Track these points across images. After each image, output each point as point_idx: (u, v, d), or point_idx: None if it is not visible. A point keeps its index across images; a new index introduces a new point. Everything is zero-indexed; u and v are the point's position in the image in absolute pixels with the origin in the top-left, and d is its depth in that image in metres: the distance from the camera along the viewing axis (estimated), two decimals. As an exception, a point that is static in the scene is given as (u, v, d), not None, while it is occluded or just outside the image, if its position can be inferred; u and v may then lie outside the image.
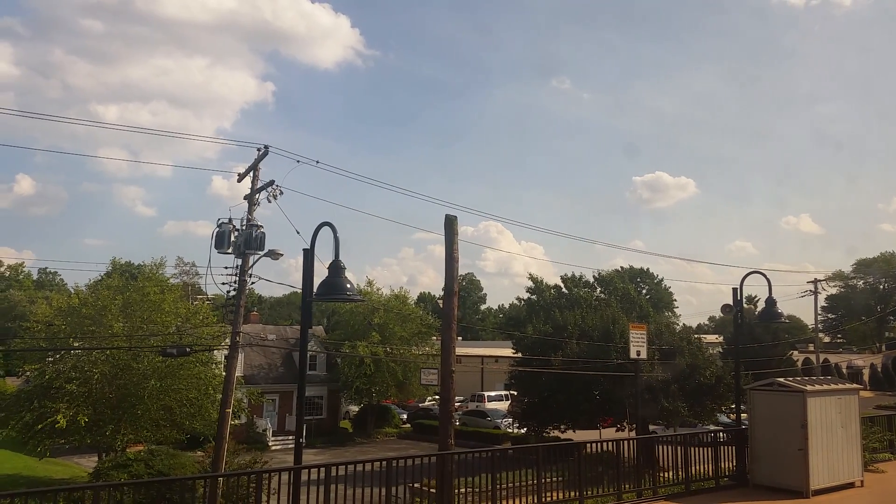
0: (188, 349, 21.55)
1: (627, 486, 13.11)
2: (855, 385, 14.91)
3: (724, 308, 15.94)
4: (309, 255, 10.51)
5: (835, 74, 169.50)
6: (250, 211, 21.90)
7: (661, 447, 14.38)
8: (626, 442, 14.65)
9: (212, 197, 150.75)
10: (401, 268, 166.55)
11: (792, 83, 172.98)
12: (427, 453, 13.33)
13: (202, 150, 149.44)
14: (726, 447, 14.89)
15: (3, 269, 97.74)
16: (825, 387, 14.17)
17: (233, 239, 20.60)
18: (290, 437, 45.87)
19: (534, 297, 39.09)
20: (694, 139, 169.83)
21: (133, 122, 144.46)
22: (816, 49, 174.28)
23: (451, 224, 13.15)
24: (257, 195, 21.97)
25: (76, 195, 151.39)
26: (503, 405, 50.93)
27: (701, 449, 14.91)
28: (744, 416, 15.18)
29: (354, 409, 52.62)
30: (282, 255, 20.68)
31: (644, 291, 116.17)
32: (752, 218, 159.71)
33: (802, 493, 13.26)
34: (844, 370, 75.38)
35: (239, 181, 22.87)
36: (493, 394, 55.87)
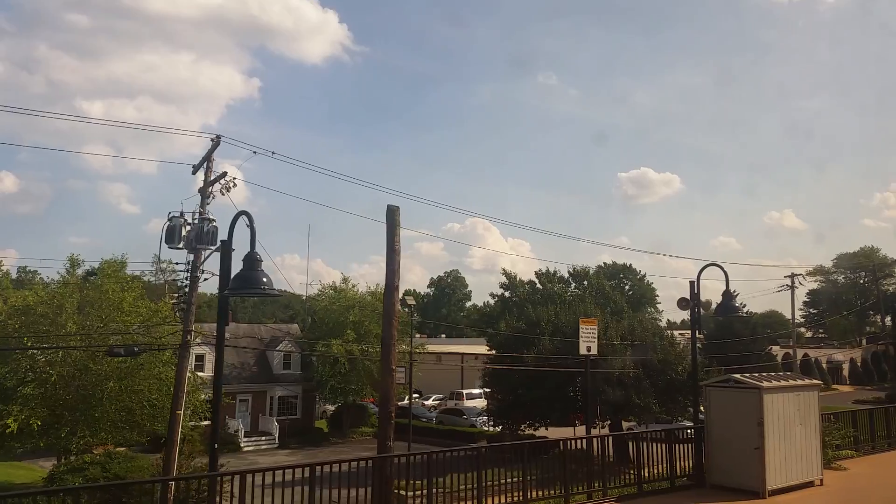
0: (136, 349, 20.76)
1: (577, 487, 12.57)
2: (815, 381, 14.47)
3: (681, 302, 15.45)
4: (226, 247, 9.90)
5: (818, 70, 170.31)
6: (203, 204, 21.26)
7: (608, 444, 13.81)
8: (582, 441, 14.12)
9: (197, 194, 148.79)
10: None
11: (775, 78, 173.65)
12: (361, 457, 12.68)
13: (188, 145, 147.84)
14: (683, 445, 14.40)
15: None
16: (783, 383, 13.69)
17: (184, 233, 19.92)
18: (264, 438, 45.20)
19: (507, 293, 38.51)
20: (678, 135, 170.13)
21: (118, 118, 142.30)
22: (801, 44, 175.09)
23: (392, 215, 12.56)
24: (210, 188, 21.36)
25: (61, 192, 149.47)
26: (482, 403, 50.45)
27: (658, 447, 14.41)
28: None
29: (331, 408, 51.96)
30: (233, 249, 19.94)
31: (627, 287, 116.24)
32: (735, 213, 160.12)
33: (759, 494, 12.79)
34: (824, 365, 75.49)
35: (193, 173, 22.29)
36: (471, 391, 55.33)
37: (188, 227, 20.05)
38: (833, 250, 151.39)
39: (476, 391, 55.95)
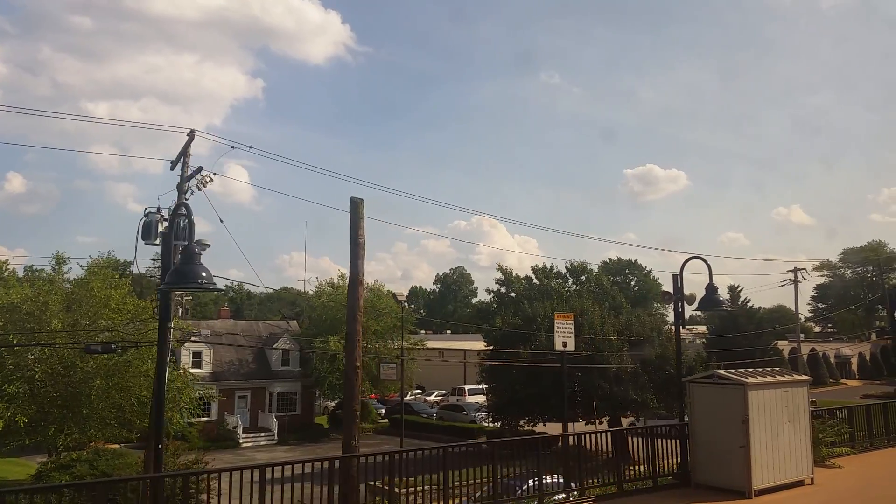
0: (113, 346, 20.37)
1: (552, 486, 12.05)
2: (804, 377, 13.88)
3: (664, 296, 14.89)
4: (167, 241, 9.42)
5: (824, 65, 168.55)
6: (179, 200, 20.85)
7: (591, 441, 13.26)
8: (566, 438, 13.64)
9: (205, 193, 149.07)
10: (395, 262, 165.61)
11: (780, 74, 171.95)
12: (326, 457, 12.22)
13: (195, 146, 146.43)
14: (669, 442, 13.85)
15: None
16: (770, 379, 13.11)
17: (160, 229, 19.54)
18: (263, 434, 44.94)
19: (504, 288, 38.00)
20: (684, 131, 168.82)
21: (123, 119, 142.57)
22: (806, 39, 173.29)
23: (356, 207, 12.09)
24: (187, 183, 20.97)
25: (68, 193, 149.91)
26: (483, 399, 50.04)
27: (643, 443, 13.91)
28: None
29: (332, 404, 51.63)
30: (209, 245, 19.58)
31: (633, 283, 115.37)
32: (743, 209, 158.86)
33: (745, 494, 12.23)
34: (832, 360, 74.59)
35: (171, 169, 21.81)
36: (473, 387, 54.87)
37: (165, 224, 19.79)
38: (841, 245, 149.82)
39: (478, 387, 55.56)
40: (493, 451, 11.38)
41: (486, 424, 41.64)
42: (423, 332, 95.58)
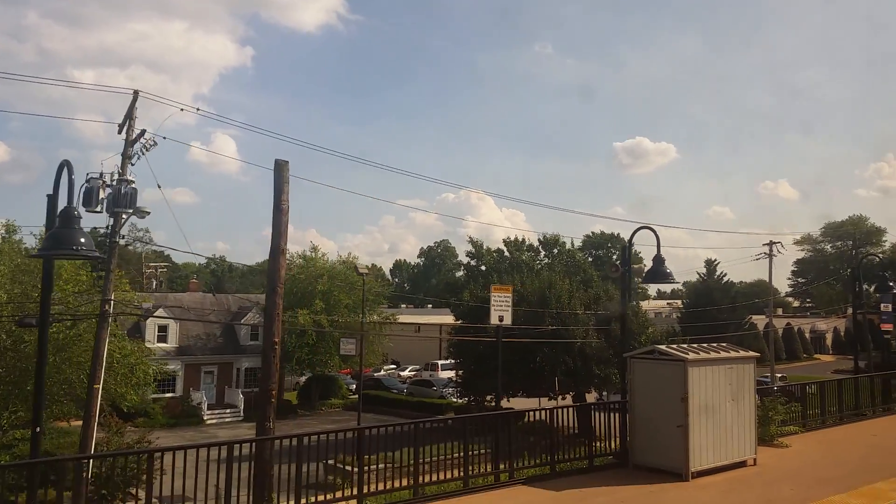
0: (53, 320, 19.57)
1: (479, 468, 11.48)
2: (751, 353, 13.31)
3: (610, 268, 14.26)
4: (51, 201, 8.63)
5: (814, 38, 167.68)
6: (123, 165, 19.98)
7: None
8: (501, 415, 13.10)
9: (191, 163, 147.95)
10: (382, 235, 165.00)
11: (773, 48, 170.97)
12: (240, 439, 11.56)
13: (181, 115, 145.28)
14: (608, 419, 13.35)
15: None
16: (713, 355, 12.55)
17: (102, 196, 18.66)
18: (229, 411, 44.35)
19: (474, 262, 37.36)
20: (674, 103, 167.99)
21: (111, 86, 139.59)
22: (796, 12, 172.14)
23: (279, 170, 11.32)
24: (132, 147, 20.08)
25: (53, 162, 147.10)
26: (453, 374, 49.70)
27: (603, 419, 13.46)
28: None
29: (303, 380, 51.10)
30: (148, 212, 18.79)
31: (614, 257, 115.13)
32: (730, 183, 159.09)
33: (682, 476, 11.74)
34: (807, 335, 74.88)
35: (119, 133, 20.93)
36: (445, 363, 54.52)
37: (107, 190, 18.93)
38: (826, 220, 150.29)
39: (449, 362, 55.22)
40: (416, 432, 10.76)
41: (455, 400, 41.23)
42: (403, 305, 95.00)
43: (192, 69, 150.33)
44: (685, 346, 12.94)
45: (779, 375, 50.74)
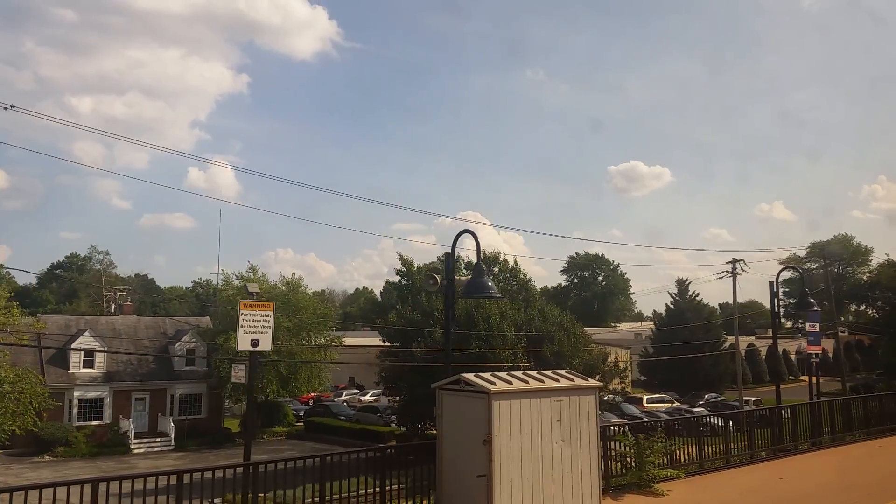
0: None
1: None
2: (592, 382, 10.62)
3: (427, 280, 11.68)
4: None
5: (808, 61, 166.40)
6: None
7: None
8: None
9: (189, 189, 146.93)
10: (381, 259, 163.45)
11: (764, 69, 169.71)
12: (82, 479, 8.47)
13: (178, 140, 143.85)
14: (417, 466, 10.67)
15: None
16: (532, 385, 9.81)
17: None
18: (159, 440, 41.52)
19: (404, 280, 34.80)
20: (669, 126, 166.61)
21: (107, 114, 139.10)
22: (789, 35, 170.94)
23: None
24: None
25: (52, 188, 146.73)
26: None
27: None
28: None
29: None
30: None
31: (600, 278, 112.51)
32: (726, 205, 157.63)
33: (488, 540, 9.03)
34: (793, 356, 71.94)
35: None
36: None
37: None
38: (816, 240, 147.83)
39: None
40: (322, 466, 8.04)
41: (396, 428, 38.43)
42: (367, 328, 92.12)
43: (189, 96, 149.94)
44: (503, 373, 10.20)
45: (752, 399, 47.93)
